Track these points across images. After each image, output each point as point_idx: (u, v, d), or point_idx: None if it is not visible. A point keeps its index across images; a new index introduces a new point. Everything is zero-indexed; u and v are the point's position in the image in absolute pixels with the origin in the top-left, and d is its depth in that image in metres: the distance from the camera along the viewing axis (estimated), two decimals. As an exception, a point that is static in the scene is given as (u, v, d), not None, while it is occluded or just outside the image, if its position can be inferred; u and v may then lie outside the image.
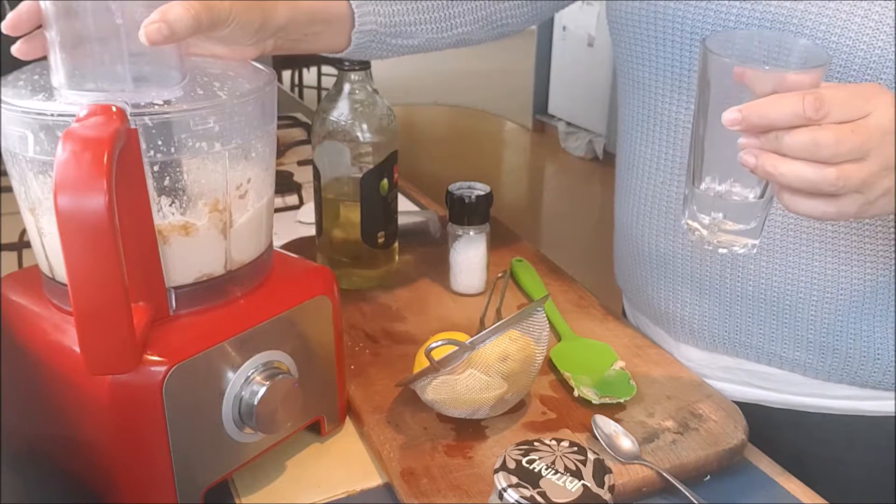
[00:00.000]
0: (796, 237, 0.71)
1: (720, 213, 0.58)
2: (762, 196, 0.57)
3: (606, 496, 0.47)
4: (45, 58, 0.54)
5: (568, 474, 0.48)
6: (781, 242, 0.72)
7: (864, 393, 0.75)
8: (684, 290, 0.80)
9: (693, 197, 0.59)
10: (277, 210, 1.16)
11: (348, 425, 0.71)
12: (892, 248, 0.70)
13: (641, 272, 0.86)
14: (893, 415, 0.75)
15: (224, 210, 0.58)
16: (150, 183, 0.53)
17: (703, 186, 0.58)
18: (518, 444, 0.50)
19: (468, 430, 0.68)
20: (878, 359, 0.73)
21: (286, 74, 5.02)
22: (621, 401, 0.71)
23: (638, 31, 0.76)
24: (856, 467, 0.68)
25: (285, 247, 0.94)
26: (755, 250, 0.58)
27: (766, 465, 0.69)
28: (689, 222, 0.60)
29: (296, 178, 1.28)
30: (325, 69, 5.06)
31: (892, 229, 0.70)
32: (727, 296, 0.77)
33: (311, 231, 0.96)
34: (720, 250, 0.59)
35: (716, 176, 0.57)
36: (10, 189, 0.58)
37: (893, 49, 0.62)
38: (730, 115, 0.51)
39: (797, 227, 0.71)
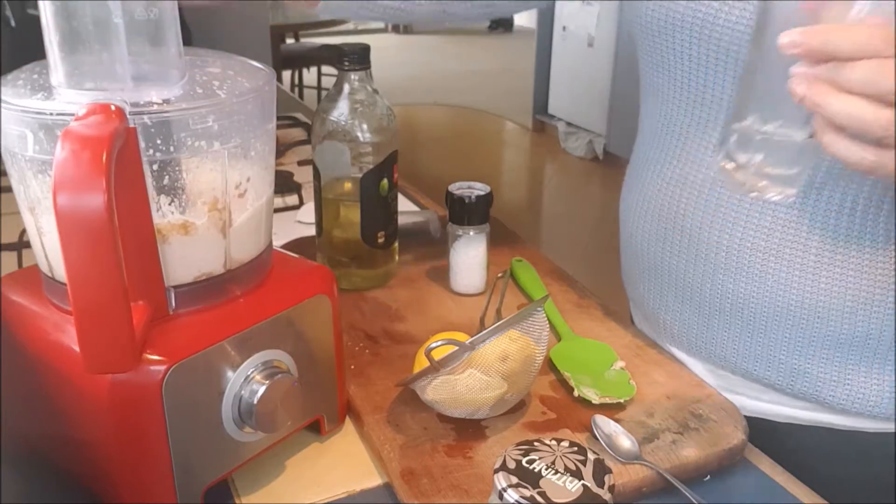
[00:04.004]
0: (777, 262, 0.71)
1: (760, 153, 0.53)
2: (810, 138, 0.51)
3: (606, 496, 0.47)
4: (44, 57, 0.54)
5: (568, 474, 0.48)
6: (762, 265, 0.71)
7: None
8: (668, 295, 0.81)
9: (733, 134, 0.54)
10: (277, 210, 1.16)
11: (348, 425, 0.71)
12: (871, 280, 0.69)
13: (635, 270, 0.86)
14: (863, 430, 0.75)
15: (223, 209, 0.58)
16: (150, 182, 0.53)
17: (745, 123, 0.53)
18: (518, 444, 0.50)
19: (468, 430, 0.68)
20: (848, 384, 0.73)
21: (286, 74, 5.02)
22: (621, 401, 0.71)
23: (655, 36, 0.76)
24: (826, 479, 0.68)
25: (285, 247, 0.94)
26: (791, 199, 0.54)
27: (766, 466, 0.68)
28: (725, 163, 0.55)
29: (296, 178, 1.27)
30: (326, 69, 5.06)
31: (874, 261, 0.69)
32: (706, 308, 0.77)
33: (311, 231, 0.96)
34: (751, 194, 0.55)
35: (762, 112, 0.52)
36: (9, 189, 0.58)
37: None
38: (789, 37, 0.46)
39: (779, 252, 0.71)
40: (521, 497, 0.46)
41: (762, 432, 0.72)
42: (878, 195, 0.67)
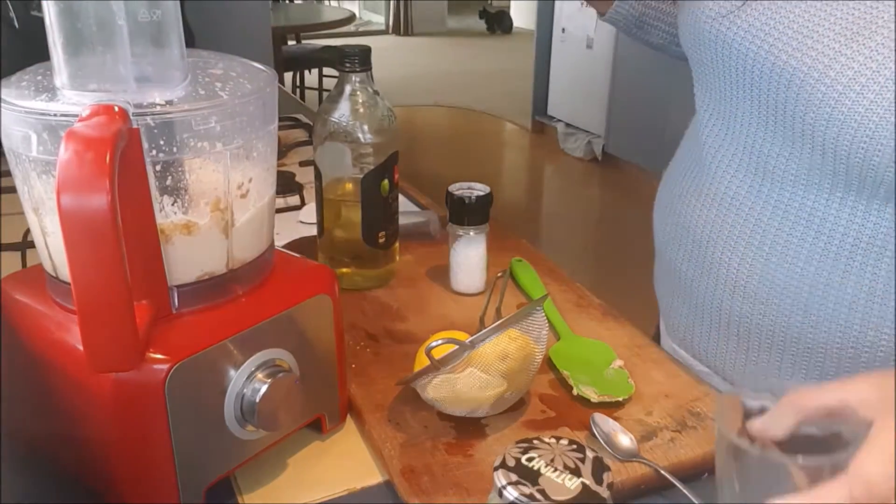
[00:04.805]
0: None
1: None
2: None
3: (605, 494, 0.47)
4: (48, 59, 0.55)
5: (567, 472, 0.48)
6: (757, 286, 0.72)
7: None
8: (680, 304, 0.81)
9: None
10: (279, 210, 1.17)
11: (349, 424, 0.72)
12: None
13: (659, 269, 0.88)
14: None
15: (226, 209, 0.58)
16: (153, 182, 0.54)
17: None
18: (518, 442, 0.51)
19: (468, 428, 0.68)
20: None
21: (288, 76, 5.02)
22: (620, 399, 0.71)
23: (690, 47, 0.78)
24: None
25: (287, 247, 0.94)
26: None
27: (765, 464, 0.69)
28: None
29: (297, 179, 1.28)
30: (327, 71, 5.06)
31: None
32: (708, 313, 0.78)
33: (313, 231, 0.96)
34: None
35: None
36: (13, 189, 0.58)
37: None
38: None
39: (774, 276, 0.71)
40: (520, 494, 0.46)
41: None
42: None
